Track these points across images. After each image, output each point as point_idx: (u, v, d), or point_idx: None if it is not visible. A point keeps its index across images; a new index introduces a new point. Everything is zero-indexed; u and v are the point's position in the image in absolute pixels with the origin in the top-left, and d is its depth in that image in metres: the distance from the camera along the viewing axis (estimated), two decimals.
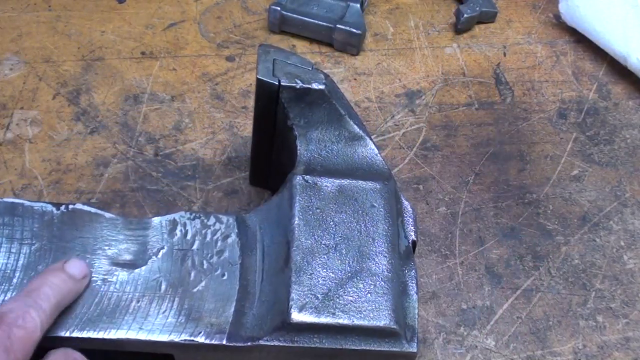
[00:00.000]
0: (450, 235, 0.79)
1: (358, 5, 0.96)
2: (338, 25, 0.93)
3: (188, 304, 0.59)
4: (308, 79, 0.66)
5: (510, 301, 0.75)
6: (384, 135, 0.87)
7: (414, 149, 0.86)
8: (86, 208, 0.64)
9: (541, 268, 0.77)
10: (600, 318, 0.74)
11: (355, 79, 0.93)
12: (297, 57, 0.69)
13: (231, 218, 0.65)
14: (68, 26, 0.95)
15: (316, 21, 0.94)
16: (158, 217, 0.64)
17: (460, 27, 0.98)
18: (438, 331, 0.72)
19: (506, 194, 0.83)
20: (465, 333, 0.72)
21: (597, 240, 0.80)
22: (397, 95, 0.91)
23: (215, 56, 0.93)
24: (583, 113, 0.91)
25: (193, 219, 0.64)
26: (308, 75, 0.67)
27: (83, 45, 0.93)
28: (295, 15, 0.95)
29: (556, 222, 0.81)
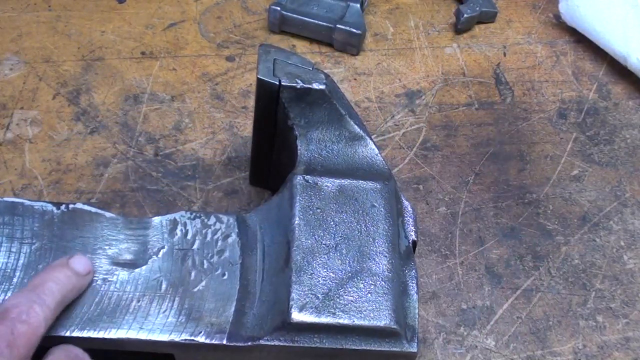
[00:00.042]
0: (450, 235, 0.79)
1: (358, 5, 0.96)
2: (338, 25, 0.93)
3: (188, 304, 0.59)
4: (309, 79, 0.66)
5: (510, 301, 0.75)
6: (384, 135, 0.87)
7: (414, 149, 0.86)
8: (86, 207, 0.64)
9: (541, 268, 0.77)
10: (600, 318, 0.74)
11: (355, 79, 0.93)
12: (298, 57, 0.69)
13: (231, 218, 0.65)
14: (68, 26, 0.95)
15: (316, 21, 0.94)
16: (158, 217, 0.64)
17: (460, 27, 0.98)
18: (438, 331, 0.72)
19: (506, 194, 0.83)
20: (465, 333, 0.72)
21: (597, 240, 0.80)
22: (397, 95, 0.91)
23: (215, 56, 0.93)
24: (583, 113, 0.91)
25: (193, 219, 0.64)
26: (309, 75, 0.67)
27: (83, 45, 0.93)
28: (295, 15, 0.95)
29: (556, 222, 0.81)
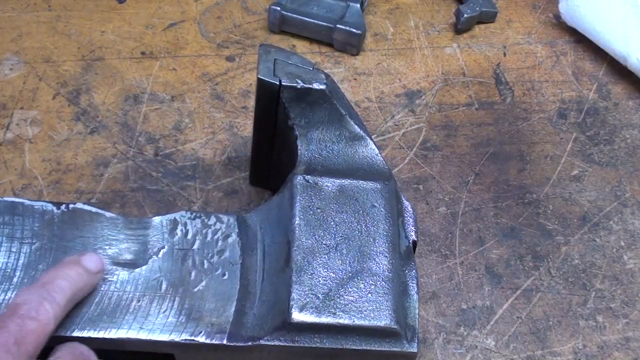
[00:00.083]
0: (450, 235, 0.79)
1: (358, 5, 0.96)
2: (338, 25, 0.93)
3: (188, 304, 0.59)
4: (309, 79, 0.66)
5: (510, 301, 0.75)
6: (384, 135, 0.87)
7: (414, 149, 0.86)
8: (87, 207, 0.64)
9: (541, 268, 0.77)
10: (600, 318, 0.74)
11: (355, 79, 0.93)
12: (298, 57, 0.69)
13: (232, 218, 0.65)
14: (68, 26, 0.95)
15: (316, 21, 0.94)
16: (159, 217, 0.64)
17: (460, 27, 0.98)
18: (438, 331, 0.72)
19: (506, 194, 0.83)
20: (465, 333, 0.72)
21: (597, 240, 0.80)
22: (397, 95, 0.91)
23: (215, 56, 0.93)
24: (583, 113, 0.91)
25: (194, 219, 0.64)
26: (309, 75, 0.67)
27: (83, 45, 0.93)
28: (295, 15, 0.95)
29: (556, 222, 0.81)
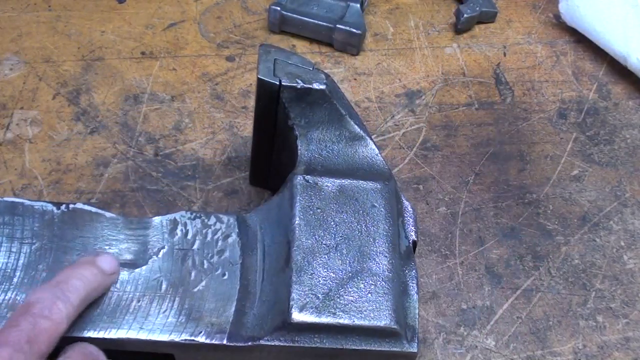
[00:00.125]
0: (450, 235, 0.79)
1: (358, 5, 0.96)
2: (338, 25, 0.93)
3: (188, 304, 0.59)
4: (309, 79, 0.66)
5: (510, 301, 0.75)
6: (384, 135, 0.87)
7: (414, 149, 0.86)
8: (87, 207, 0.64)
9: (541, 268, 0.77)
10: (600, 318, 0.74)
11: (355, 79, 0.93)
12: (298, 57, 0.69)
13: (232, 218, 0.65)
14: (68, 26, 0.95)
15: (316, 21, 0.94)
16: (159, 217, 0.64)
17: (460, 27, 0.98)
18: (438, 331, 0.72)
19: (506, 194, 0.83)
20: (465, 333, 0.72)
21: (597, 240, 0.80)
22: (397, 95, 0.91)
23: (215, 56, 0.93)
24: (583, 113, 0.91)
25: (194, 219, 0.64)
26: (309, 75, 0.67)
27: (83, 45, 0.93)
28: (295, 15, 0.95)
29: (556, 222, 0.81)
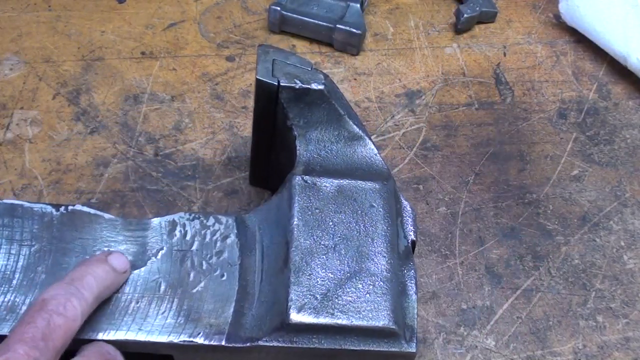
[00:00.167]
0: (450, 235, 0.79)
1: (358, 5, 0.96)
2: (338, 25, 0.93)
3: (187, 305, 0.59)
4: (307, 79, 0.66)
5: (510, 301, 0.75)
6: (384, 135, 0.87)
7: (414, 149, 0.86)
8: (85, 209, 0.64)
9: (541, 268, 0.77)
10: (600, 318, 0.74)
11: (355, 79, 0.92)
12: (297, 57, 0.69)
13: (230, 219, 0.65)
14: (68, 26, 0.95)
15: (316, 21, 0.94)
16: (157, 218, 0.64)
17: (460, 27, 0.98)
18: (438, 331, 0.72)
19: (506, 194, 0.83)
20: (465, 333, 0.72)
21: (597, 240, 0.80)
22: (397, 95, 0.91)
23: (215, 56, 0.93)
24: (583, 113, 0.91)
25: (192, 220, 0.64)
26: (307, 75, 0.67)
27: (83, 45, 0.93)
28: (295, 15, 0.95)
29: (556, 222, 0.81)
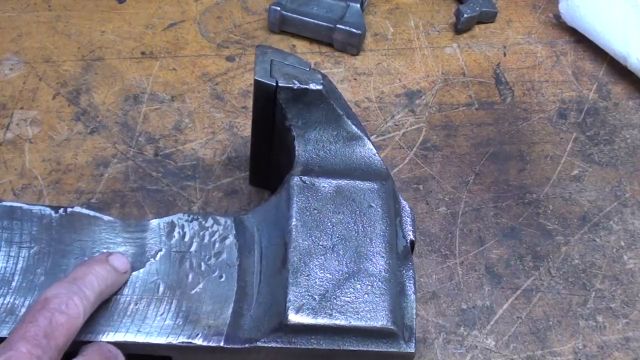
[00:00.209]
0: (450, 235, 0.79)
1: (358, 5, 0.95)
2: (338, 25, 0.93)
3: (186, 306, 0.59)
4: (305, 80, 0.66)
5: (510, 301, 0.75)
6: (384, 135, 0.87)
7: (414, 149, 0.86)
8: (84, 211, 0.64)
9: (541, 268, 0.77)
10: (600, 318, 0.74)
11: (355, 79, 0.92)
12: (295, 58, 0.69)
13: (229, 219, 0.65)
14: (68, 26, 0.95)
15: (316, 21, 0.94)
16: (156, 220, 0.64)
17: (460, 27, 0.98)
18: (438, 331, 0.72)
19: (506, 194, 0.83)
20: (465, 333, 0.72)
21: (597, 240, 0.80)
22: (397, 95, 0.91)
23: (215, 56, 0.93)
24: (583, 113, 0.91)
25: (191, 221, 0.64)
26: (305, 75, 0.67)
27: (83, 45, 0.93)
28: (295, 15, 0.95)
29: (556, 222, 0.81)
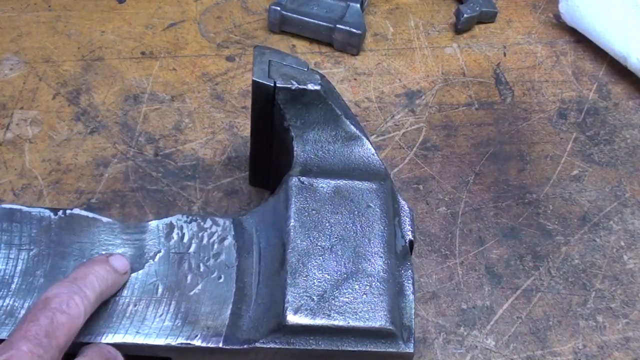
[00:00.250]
0: (450, 235, 0.79)
1: (358, 5, 0.95)
2: (338, 25, 0.93)
3: (185, 307, 0.59)
4: (304, 80, 0.66)
5: (510, 301, 0.75)
6: (384, 135, 0.87)
7: (414, 149, 0.86)
8: (83, 213, 0.64)
9: (541, 268, 0.77)
10: (600, 318, 0.74)
11: (355, 79, 0.92)
12: (293, 58, 0.69)
13: (228, 220, 0.65)
14: (68, 26, 0.95)
15: (316, 21, 0.94)
16: (155, 221, 0.64)
17: (460, 27, 0.98)
18: (438, 331, 0.72)
19: (506, 194, 0.83)
20: (465, 333, 0.72)
21: (597, 240, 0.80)
22: (397, 95, 0.91)
23: (215, 56, 0.93)
24: (583, 113, 0.91)
25: (190, 222, 0.64)
26: (303, 76, 0.67)
27: (83, 45, 0.93)
28: (295, 15, 0.94)
29: (556, 222, 0.81)
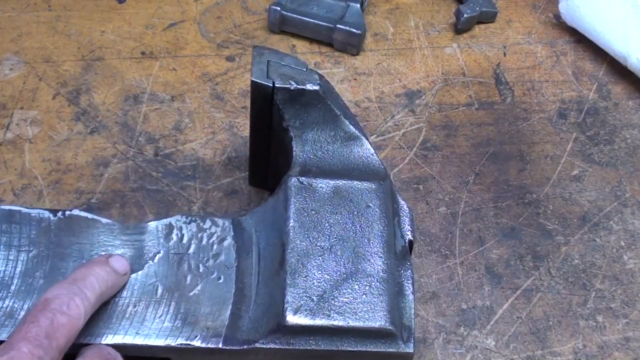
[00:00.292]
0: (450, 235, 0.79)
1: (358, 5, 0.95)
2: (338, 25, 0.93)
3: (184, 308, 0.59)
4: (302, 80, 0.66)
5: (510, 301, 0.75)
6: (384, 135, 0.87)
7: (414, 149, 0.86)
8: (83, 214, 0.64)
9: (541, 268, 0.77)
10: (600, 318, 0.74)
11: (355, 79, 0.92)
12: (292, 58, 0.69)
13: (227, 221, 0.65)
14: (68, 26, 0.95)
15: (316, 21, 0.94)
16: (154, 222, 0.64)
17: (460, 27, 0.98)
18: (438, 331, 0.72)
19: (506, 194, 0.83)
20: (465, 333, 0.72)
21: (597, 240, 0.80)
22: (397, 95, 0.91)
23: (215, 56, 0.93)
24: (583, 113, 0.91)
25: (189, 223, 0.64)
26: (302, 76, 0.67)
27: (83, 45, 0.93)
28: (295, 15, 0.94)
29: (556, 222, 0.81)
